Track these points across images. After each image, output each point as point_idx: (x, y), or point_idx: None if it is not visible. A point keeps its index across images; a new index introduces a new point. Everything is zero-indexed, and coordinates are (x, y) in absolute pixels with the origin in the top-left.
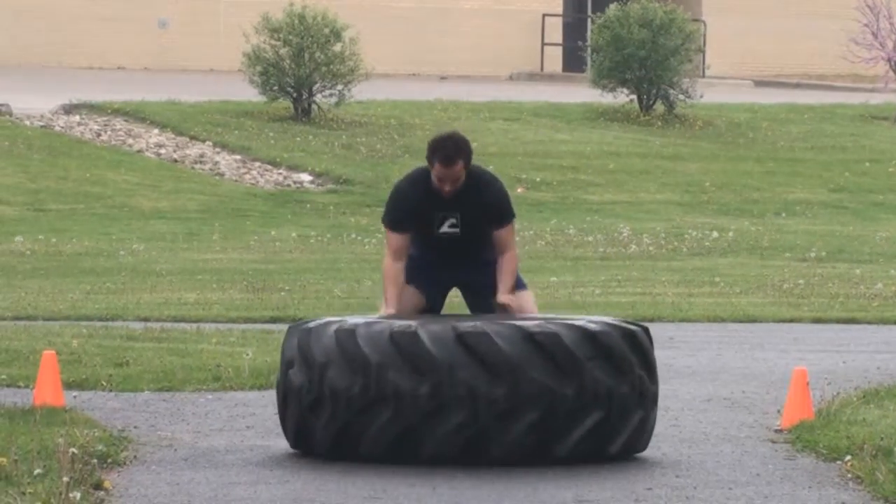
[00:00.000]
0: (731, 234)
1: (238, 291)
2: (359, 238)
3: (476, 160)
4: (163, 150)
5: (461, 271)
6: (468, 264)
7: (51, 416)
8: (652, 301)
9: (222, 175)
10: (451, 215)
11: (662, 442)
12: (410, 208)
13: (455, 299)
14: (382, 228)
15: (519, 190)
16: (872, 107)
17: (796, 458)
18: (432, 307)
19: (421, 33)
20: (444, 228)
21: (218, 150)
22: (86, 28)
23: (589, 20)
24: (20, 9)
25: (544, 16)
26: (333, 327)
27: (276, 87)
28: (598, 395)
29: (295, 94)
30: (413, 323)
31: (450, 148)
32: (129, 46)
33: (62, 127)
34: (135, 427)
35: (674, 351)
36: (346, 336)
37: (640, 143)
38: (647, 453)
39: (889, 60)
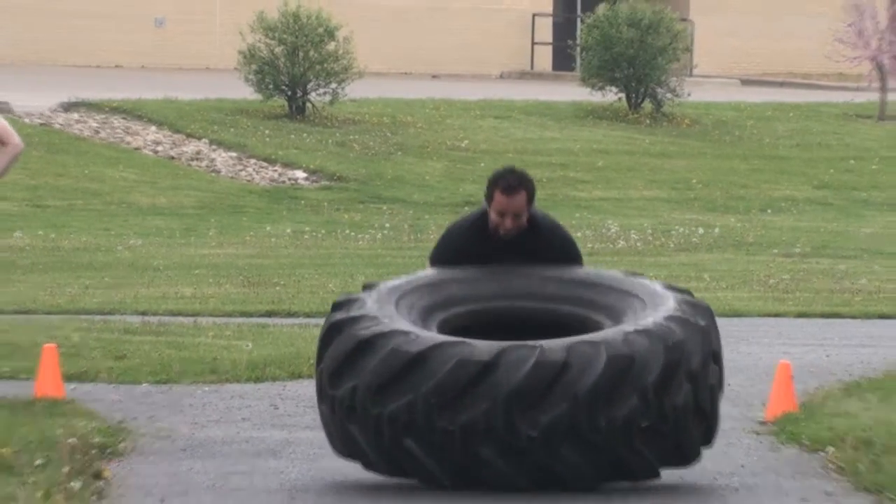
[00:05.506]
0: (717, 230)
1: (234, 286)
2: (352, 234)
3: (467, 157)
4: (160, 148)
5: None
6: None
7: (51, 408)
8: None
9: (218, 172)
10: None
11: None
12: (463, 248)
13: None
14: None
15: None
16: (856, 105)
17: (780, 450)
18: None
19: (413, 32)
20: None
21: (214, 147)
22: (84, 27)
23: (578, 20)
24: (19, 8)
25: (534, 15)
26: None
27: (271, 86)
28: None
29: (289, 93)
30: None
31: (511, 178)
32: (126, 45)
33: (61, 124)
34: (133, 418)
35: None
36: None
37: (629, 141)
38: None
39: (873, 60)
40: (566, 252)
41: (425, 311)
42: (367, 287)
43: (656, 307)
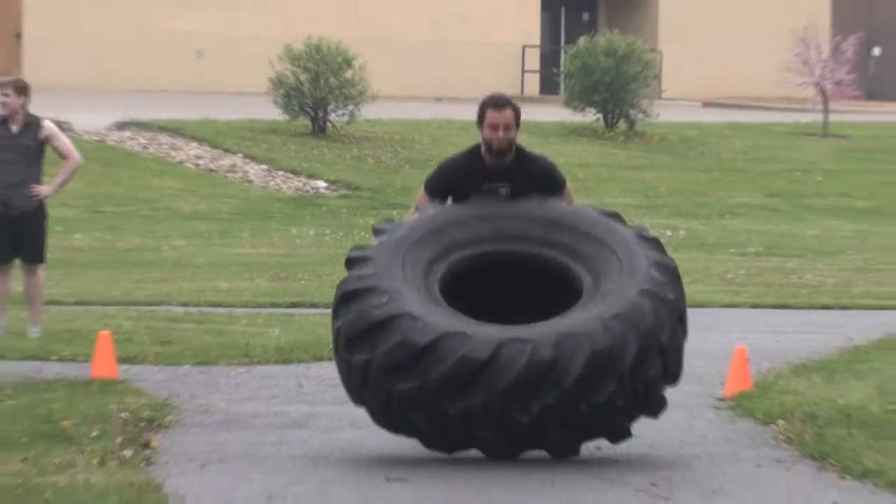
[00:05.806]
0: (682, 232)
1: (264, 281)
2: (367, 236)
3: None
4: (200, 161)
5: None
6: None
7: (106, 387)
8: None
9: (251, 182)
10: (500, 186)
11: None
12: (456, 178)
13: None
14: (418, 193)
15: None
16: (802, 125)
17: (737, 423)
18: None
19: (420, 62)
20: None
21: (247, 161)
22: (135, 57)
23: (562, 51)
24: (80, 40)
25: (524, 47)
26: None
27: (296, 108)
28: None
29: (312, 114)
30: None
31: (499, 98)
32: (171, 73)
33: (115, 141)
34: (177, 396)
35: None
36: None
37: (606, 156)
38: None
39: (817, 85)
40: (550, 177)
41: (429, 262)
42: (378, 233)
43: (631, 273)
